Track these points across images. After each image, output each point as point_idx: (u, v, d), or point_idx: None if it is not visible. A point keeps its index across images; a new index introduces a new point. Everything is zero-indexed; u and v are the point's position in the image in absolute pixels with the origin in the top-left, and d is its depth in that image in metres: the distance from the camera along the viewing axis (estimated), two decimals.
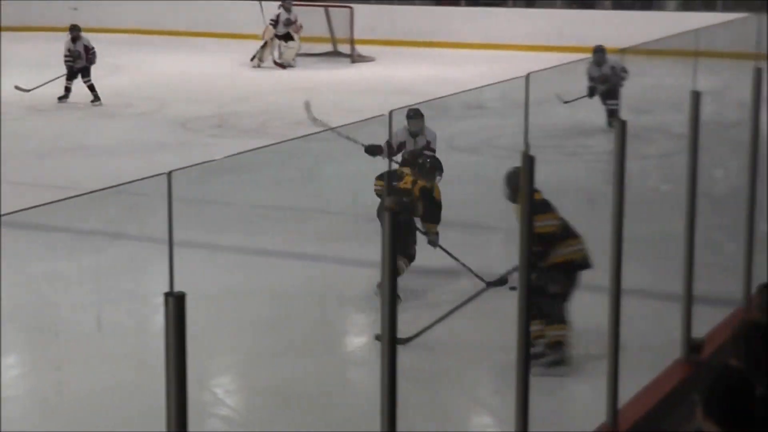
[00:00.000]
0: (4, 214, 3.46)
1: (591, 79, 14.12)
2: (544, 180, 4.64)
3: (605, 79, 13.98)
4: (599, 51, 14.31)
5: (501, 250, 8.00)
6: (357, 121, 4.91)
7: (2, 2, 25.40)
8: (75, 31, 17.15)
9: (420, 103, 10.22)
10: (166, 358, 3.11)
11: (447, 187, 8.03)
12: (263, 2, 22.47)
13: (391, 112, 3.73)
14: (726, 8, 21.86)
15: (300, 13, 22.12)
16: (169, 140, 13.80)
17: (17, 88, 16.92)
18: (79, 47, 16.96)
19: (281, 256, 9.08)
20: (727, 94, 11.77)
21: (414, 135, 8.87)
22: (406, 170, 7.89)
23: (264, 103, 17.14)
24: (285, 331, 7.31)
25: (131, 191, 4.11)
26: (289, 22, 21.19)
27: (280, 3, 21.53)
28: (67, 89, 17.00)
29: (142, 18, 26.06)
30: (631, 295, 5.53)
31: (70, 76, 16.98)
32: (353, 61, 21.78)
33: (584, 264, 6.42)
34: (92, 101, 16.80)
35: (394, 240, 3.68)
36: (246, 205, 10.39)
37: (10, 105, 15.87)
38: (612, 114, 13.56)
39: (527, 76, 4.34)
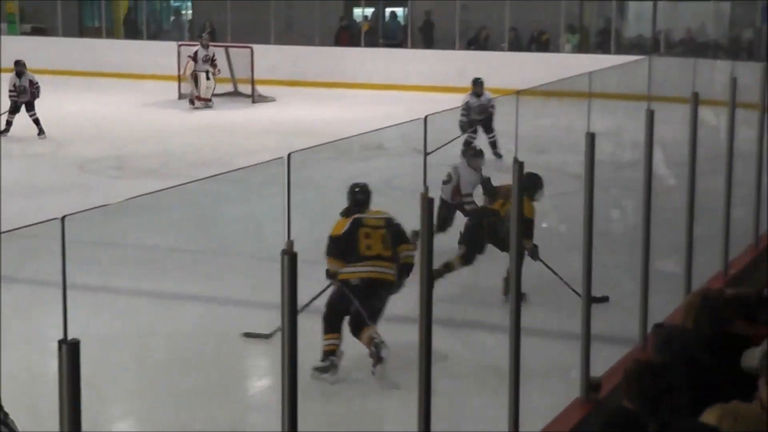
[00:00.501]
0: None
1: (469, 109, 15.02)
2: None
3: (483, 109, 14.98)
4: (479, 83, 15.35)
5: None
6: (255, 164, 4.87)
7: None
8: (20, 66, 17.37)
9: (320, 144, 10.21)
10: (60, 407, 3.03)
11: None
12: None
13: (289, 155, 3.71)
14: (619, 51, 22.38)
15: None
16: (65, 181, 13.57)
17: None
18: (25, 82, 17.22)
19: (180, 298, 8.97)
20: (621, 134, 12.03)
21: (477, 169, 9.68)
22: (505, 188, 8.20)
23: (163, 143, 16.98)
24: (184, 375, 7.21)
25: (25, 234, 4.02)
26: (207, 59, 21.21)
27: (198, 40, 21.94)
28: (9, 123, 17.10)
29: (40, 57, 25.65)
30: (530, 334, 5.56)
31: (13, 111, 17.11)
32: (254, 102, 21.75)
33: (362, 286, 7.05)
34: (38, 134, 16.94)
35: (293, 280, 3.68)
36: (144, 247, 10.24)
37: None
38: (494, 145, 14.60)
39: (425, 119, 4.36)
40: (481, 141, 14.50)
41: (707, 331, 4.51)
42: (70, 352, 3.04)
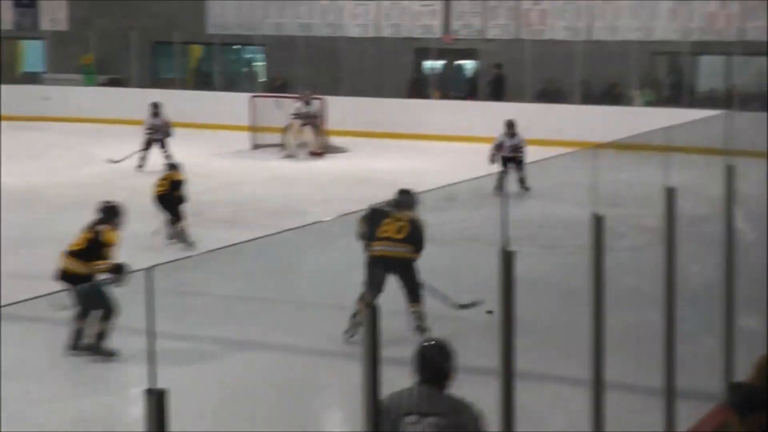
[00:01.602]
0: None
1: (499, 147, 17.08)
2: (523, 274, 4.61)
3: (515, 148, 16.98)
4: (511, 124, 17.27)
5: (479, 344, 7.97)
6: (338, 216, 4.92)
7: None
8: (156, 107, 20.05)
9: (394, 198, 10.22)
10: None
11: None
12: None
13: (368, 207, 3.72)
14: (692, 105, 22.20)
15: (274, 105, 22.32)
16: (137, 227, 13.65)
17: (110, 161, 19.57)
18: (158, 121, 19.79)
19: (257, 347, 8.97)
20: (696, 189, 11.88)
21: None
22: None
23: (239, 193, 17.17)
24: (264, 425, 7.18)
25: None
26: (308, 115, 21.47)
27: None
28: (142, 158, 19.56)
29: (114, 107, 26.21)
30: (612, 388, 5.50)
31: (147, 147, 19.76)
32: (326, 152, 21.84)
33: None
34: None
35: (374, 332, 3.68)
36: (224, 296, 10.25)
37: None
38: (523, 181, 16.64)
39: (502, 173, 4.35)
40: (512, 176, 16.53)
41: None
42: (156, 401, 3.06)
